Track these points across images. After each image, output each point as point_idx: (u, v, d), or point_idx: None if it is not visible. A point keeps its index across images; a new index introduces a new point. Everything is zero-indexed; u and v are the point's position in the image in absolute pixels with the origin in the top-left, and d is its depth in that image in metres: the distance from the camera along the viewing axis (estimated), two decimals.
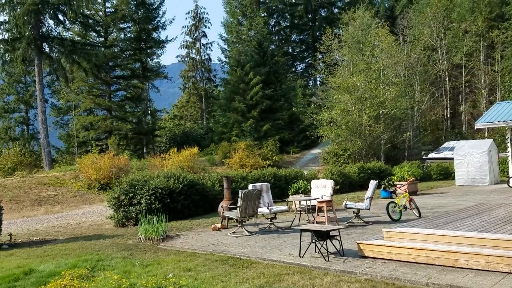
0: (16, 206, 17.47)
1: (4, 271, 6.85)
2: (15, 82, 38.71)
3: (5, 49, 28.06)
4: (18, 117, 39.84)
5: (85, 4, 29.68)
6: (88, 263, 7.06)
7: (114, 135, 34.93)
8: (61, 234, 11.34)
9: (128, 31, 39.25)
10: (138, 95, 39.19)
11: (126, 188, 12.13)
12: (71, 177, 22.39)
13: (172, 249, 8.33)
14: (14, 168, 27.54)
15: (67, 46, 29.17)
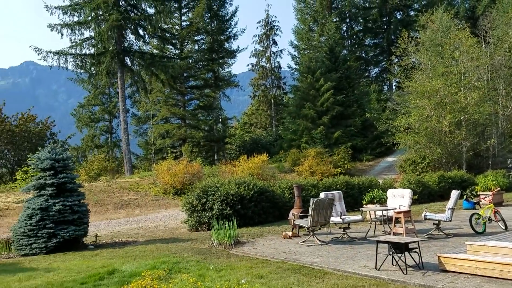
0: (101, 209, 18.68)
1: (91, 270, 7.32)
2: (100, 93, 41.78)
3: (91, 63, 30.29)
4: (102, 126, 42.90)
5: (163, 19, 31.25)
6: (165, 265, 7.32)
7: (187, 143, 36.25)
8: (141, 236, 11.93)
9: (202, 43, 40.71)
10: (210, 103, 40.42)
11: (199, 194, 12.48)
12: (149, 182, 23.49)
13: (244, 255, 8.38)
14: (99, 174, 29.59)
15: (147, 59, 30.87)
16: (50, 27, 28.38)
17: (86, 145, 41.10)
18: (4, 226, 15.08)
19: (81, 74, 34.45)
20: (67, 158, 10.38)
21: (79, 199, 10.29)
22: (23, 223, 9.55)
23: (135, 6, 31.24)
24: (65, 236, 9.54)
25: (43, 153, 10.27)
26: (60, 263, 8.16)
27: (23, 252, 9.48)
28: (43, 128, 39.11)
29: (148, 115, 40.50)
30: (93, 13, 28.99)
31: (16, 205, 18.26)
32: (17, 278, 6.93)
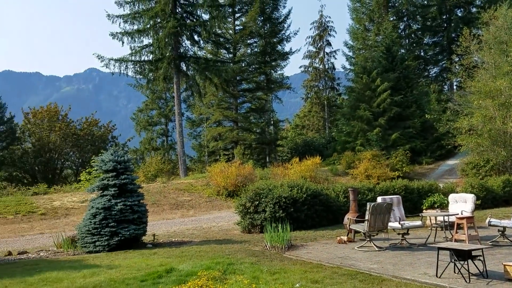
0: (157, 209, 19.34)
1: (150, 268, 7.59)
2: (157, 98, 43.37)
3: (149, 69, 31.46)
4: (159, 129, 44.47)
5: (218, 24, 31.89)
6: (220, 266, 7.42)
7: (239, 145, 36.65)
8: (195, 236, 12.19)
9: (255, 46, 41.04)
10: (262, 106, 40.64)
11: (252, 196, 12.53)
12: (203, 184, 23.95)
13: (297, 259, 8.31)
14: (156, 175, 30.66)
15: (201, 64, 31.55)
16: (112, 35, 29.88)
17: (144, 147, 42.79)
18: (70, 224, 16.03)
19: (140, 80, 35.98)
20: (128, 160, 10.84)
21: (138, 200, 10.70)
22: (87, 222, 10.08)
23: (191, 13, 32.07)
24: (126, 234, 9.95)
25: (106, 156, 10.80)
26: (121, 261, 8.52)
27: (87, 249, 10.01)
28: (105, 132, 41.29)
29: (202, 118, 41.44)
30: (151, 21, 30.09)
31: (81, 204, 19.34)
32: (82, 274, 7.32)
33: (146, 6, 30.35)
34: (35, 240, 13.39)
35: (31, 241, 13.12)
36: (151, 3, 30.50)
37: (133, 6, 30.30)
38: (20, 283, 6.85)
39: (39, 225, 16.28)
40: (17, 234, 14.86)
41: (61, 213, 18.15)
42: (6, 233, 14.99)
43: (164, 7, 29.73)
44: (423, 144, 31.84)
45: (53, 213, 18.04)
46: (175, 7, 30.62)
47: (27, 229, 15.65)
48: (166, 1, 29.78)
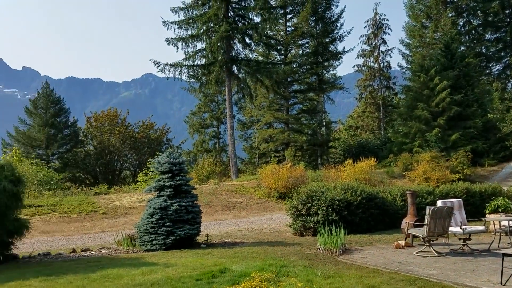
0: (210, 210, 19.67)
1: (204, 267, 7.71)
2: (209, 101, 44.24)
3: (202, 73, 32.12)
4: (211, 132, 45.31)
5: (269, 26, 31.99)
6: (273, 267, 7.39)
7: (290, 147, 36.52)
8: (247, 238, 12.24)
9: (306, 47, 40.76)
10: (314, 107, 40.23)
11: (304, 198, 12.41)
12: (254, 185, 24.03)
13: (352, 263, 8.11)
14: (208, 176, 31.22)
15: (252, 66, 31.82)
16: (167, 41, 30.82)
17: (196, 149, 43.78)
18: (129, 223, 16.69)
19: (193, 83, 36.89)
20: (182, 162, 11.12)
21: (192, 200, 10.92)
22: (145, 221, 10.44)
23: (242, 16, 32.42)
24: (181, 234, 10.20)
25: (162, 158, 11.13)
26: (177, 260, 8.72)
27: (145, 247, 10.35)
28: (160, 134, 42.75)
29: (253, 120, 41.73)
30: (204, 25, 30.72)
31: (139, 204, 20.09)
32: (140, 272, 7.58)
33: (199, 12, 31.01)
34: (97, 238, 14.07)
35: (93, 239, 13.80)
36: (205, 9, 31.14)
37: (187, 12, 31.07)
38: (84, 279, 7.20)
39: (100, 224, 17.10)
40: (80, 232, 15.69)
41: (121, 212, 18.96)
42: (70, 231, 15.88)
43: (217, 12, 30.27)
44: (485, 145, 30.05)
45: (113, 212, 18.88)
46: (227, 11, 31.07)
47: (90, 228, 16.49)
48: (219, 6, 30.31)
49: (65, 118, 41.85)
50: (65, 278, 7.29)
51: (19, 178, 9.60)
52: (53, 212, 18.16)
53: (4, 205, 8.73)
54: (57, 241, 13.63)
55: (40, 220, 16.86)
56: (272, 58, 39.20)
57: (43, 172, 27.50)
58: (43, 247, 12.01)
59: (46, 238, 14.34)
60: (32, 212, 17.51)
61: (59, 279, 7.23)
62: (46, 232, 15.49)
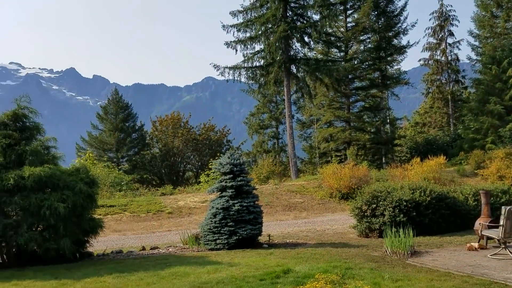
0: (270, 210, 19.70)
1: (267, 267, 7.73)
2: (268, 102, 44.40)
3: (260, 74, 32.31)
4: (270, 132, 45.45)
5: (329, 23, 31.54)
6: (338, 269, 7.24)
7: (352, 146, 35.70)
8: (310, 239, 12.11)
9: (368, 42, 39.64)
10: (377, 104, 38.99)
11: (369, 199, 12.07)
12: (314, 186, 23.74)
13: (422, 266, 7.75)
14: (268, 177, 31.36)
15: (311, 65, 31.42)
16: (226, 44, 31.40)
17: (256, 150, 44.14)
18: (193, 222, 17.18)
19: (252, 85, 37.22)
20: (243, 163, 11.25)
21: (253, 201, 11.00)
22: (208, 221, 10.67)
23: (301, 15, 32.17)
24: (243, 234, 10.31)
25: (223, 159, 11.33)
26: (240, 259, 8.83)
27: (209, 246, 10.59)
28: (220, 136, 43.65)
29: (312, 119, 41.29)
30: (263, 27, 30.86)
31: (202, 204, 20.61)
32: (206, 270, 7.76)
33: (258, 14, 31.17)
34: (164, 236, 14.62)
35: (161, 238, 14.36)
36: (263, 10, 31.25)
37: (246, 15, 31.31)
38: (153, 276, 7.51)
39: (167, 223, 17.77)
40: (148, 230, 16.41)
41: (185, 212, 19.57)
42: (140, 229, 16.65)
43: (275, 12, 30.31)
44: None
45: (178, 212, 19.55)
46: (285, 11, 31.02)
47: (157, 226, 17.19)
48: (277, 6, 30.35)
49: (133, 122, 44.10)
50: (137, 275, 7.64)
51: (93, 180, 10.20)
52: (123, 211, 19.15)
53: (80, 205, 9.32)
54: (128, 239, 14.35)
55: (112, 220, 17.84)
56: (332, 55, 38.53)
57: (114, 174, 29.10)
58: (115, 245, 12.69)
59: (117, 236, 15.15)
60: (105, 212, 18.57)
61: (131, 276, 7.59)
62: (117, 230, 16.37)
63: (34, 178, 8.80)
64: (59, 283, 7.30)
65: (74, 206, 9.08)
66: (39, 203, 8.78)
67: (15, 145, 9.32)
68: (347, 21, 38.66)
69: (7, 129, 9.48)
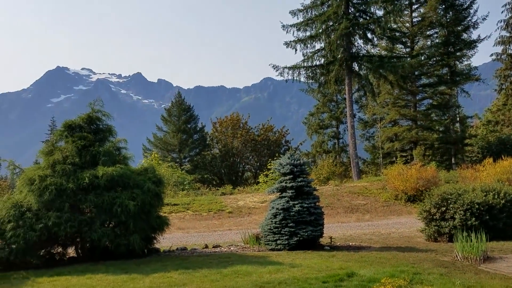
0: (331, 211, 19.39)
1: (329, 270, 7.60)
2: (328, 101, 43.69)
3: (320, 73, 31.98)
4: (330, 132, 44.67)
5: (393, 18, 30.56)
6: (405, 274, 6.95)
7: (419, 146, 34.25)
8: (374, 242, 11.75)
9: (435, 37, 37.87)
10: (446, 102, 37.05)
11: (438, 201, 11.52)
12: (378, 187, 23.09)
13: (496, 273, 7.27)
14: (328, 178, 30.90)
15: (375, 62, 30.68)
16: (286, 44, 31.40)
17: (315, 150, 43.61)
18: (252, 222, 17.34)
19: (311, 84, 36.92)
20: (303, 164, 11.15)
21: (314, 202, 10.87)
22: (269, 221, 10.70)
23: (363, 11, 31.47)
24: (304, 235, 10.22)
25: (283, 159, 11.30)
26: (301, 260, 8.76)
27: (269, 247, 10.61)
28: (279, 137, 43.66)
29: (375, 118, 40.07)
30: (323, 25, 30.55)
31: (261, 204, 20.76)
32: (267, 270, 7.78)
33: (318, 12, 30.91)
34: (224, 235, 14.90)
35: (222, 236, 14.64)
36: (324, 8, 30.96)
37: (306, 14, 31.16)
38: (217, 274, 7.66)
39: (227, 222, 18.10)
40: (210, 229, 16.81)
41: (245, 212, 19.81)
42: (202, 228, 17.10)
43: (336, 10, 29.92)
44: None
45: (238, 211, 19.83)
46: (347, 8, 30.53)
47: (218, 225, 17.56)
48: (339, 4, 29.92)
49: (195, 124, 45.46)
50: (201, 272, 7.84)
51: (160, 179, 10.61)
52: (186, 210, 19.78)
53: (149, 203, 9.73)
54: (191, 237, 14.79)
55: (176, 218, 18.48)
56: (397, 51, 37.26)
57: (177, 174, 30.16)
58: (179, 242, 13.12)
59: (181, 234, 15.66)
60: (169, 210, 19.29)
61: (195, 273, 7.80)
62: (181, 228, 16.93)
63: (107, 177, 9.33)
64: (129, 277, 7.67)
65: (143, 204, 9.50)
66: (111, 201, 9.29)
67: (90, 146, 9.93)
68: (413, 16, 37.30)
69: (82, 131, 10.14)
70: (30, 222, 8.88)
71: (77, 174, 9.38)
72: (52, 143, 10.17)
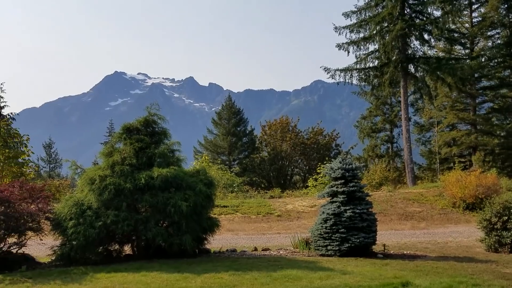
0: (384, 218, 18.82)
1: (383, 278, 7.37)
2: (381, 104, 42.52)
3: (374, 75, 31.33)
4: (383, 136, 43.40)
5: (451, 19, 29.49)
6: (463, 285, 6.65)
7: (479, 151, 32.53)
8: (430, 251, 11.33)
9: (497, 38, 35.96)
10: (508, 105, 34.95)
11: (499, 210, 10.98)
12: (434, 194, 22.25)
13: None
14: (381, 183, 30.03)
15: (432, 63, 29.70)
16: (338, 46, 31.02)
17: (367, 155, 42.54)
18: (301, 226, 17.19)
19: (364, 87, 36.10)
20: (356, 168, 10.92)
21: (367, 208, 10.61)
22: (319, 226, 10.56)
23: (420, 12, 30.63)
24: (355, 242, 9.99)
25: (335, 164, 11.12)
26: (353, 267, 8.57)
27: (320, 252, 10.47)
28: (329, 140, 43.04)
29: (432, 122, 38.47)
30: (378, 26, 30.11)
31: (310, 208, 20.54)
32: (318, 276, 7.68)
33: (372, 13, 30.51)
34: (273, 238, 14.89)
35: (270, 239, 14.65)
36: (378, 9, 30.50)
37: (360, 15, 30.81)
38: (267, 277, 7.66)
39: (276, 225, 18.08)
40: (258, 232, 16.86)
41: (294, 215, 19.69)
42: (250, 230, 17.20)
43: (391, 11, 29.38)
44: None
45: (287, 215, 19.75)
46: (403, 9, 29.88)
47: (267, 228, 17.58)
48: (394, 4, 29.31)
49: (244, 127, 45.92)
50: (251, 274, 7.88)
51: (212, 181, 10.80)
52: (235, 212, 19.98)
53: (200, 205, 9.92)
54: (240, 239, 14.92)
55: (225, 219, 18.70)
56: (455, 53, 35.77)
57: (227, 176, 30.54)
58: (228, 244, 13.28)
59: (231, 236, 15.84)
60: (219, 211, 19.57)
61: (245, 275, 7.85)
62: (230, 230, 17.11)
63: (162, 178, 9.62)
64: (181, 276, 7.86)
65: (195, 205, 9.70)
66: (165, 201, 9.57)
67: (146, 148, 10.30)
68: (473, 16, 35.72)
69: (139, 134, 10.54)
70: (90, 219, 9.32)
71: (134, 174, 9.74)
72: (112, 145, 10.65)
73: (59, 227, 9.51)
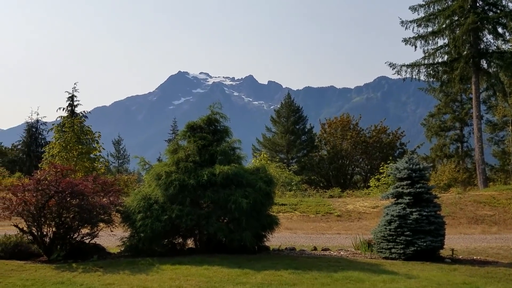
0: (453, 222, 17.88)
1: (451, 284, 7.06)
2: (451, 101, 40.30)
3: (443, 71, 29.91)
4: (453, 135, 41.10)
5: None
6: None
7: None
8: (502, 257, 10.67)
9: None
10: None
11: None
12: (508, 197, 20.92)
13: None
14: (449, 185, 28.59)
15: (507, 58, 27.89)
16: (404, 41, 29.95)
17: (435, 154, 40.58)
18: (362, 228, 16.77)
19: (432, 83, 34.48)
20: (423, 169, 10.46)
21: (435, 210, 10.14)
22: (382, 228, 10.22)
23: (493, 4, 28.96)
24: (422, 245, 9.56)
25: (400, 163, 10.71)
26: (419, 272, 8.24)
27: (383, 255, 10.14)
28: (393, 139, 41.57)
29: (506, 120, 35.92)
30: (448, 20, 28.88)
31: (372, 209, 19.97)
32: (381, 279, 7.45)
33: (442, 6, 29.30)
34: (333, 239, 14.66)
35: (330, 240, 14.43)
36: (448, 2, 29.23)
37: (428, 8, 29.70)
38: (327, 277, 7.56)
39: (335, 226, 17.79)
40: (317, 231, 16.68)
41: (354, 216, 19.26)
42: (309, 230, 17.06)
43: (462, 4, 28.08)
44: None
45: (347, 215, 19.36)
46: (475, 2, 28.46)
47: (326, 228, 17.35)
48: None
49: (303, 125, 45.61)
50: (311, 274, 7.81)
51: (271, 179, 10.84)
52: (294, 211, 19.92)
53: (260, 202, 10.01)
54: (298, 238, 14.85)
55: (283, 217, 18.71)
56: None
57: (285, 174, 30.52)
58: (287, 242, 13.26)
59: (289, 234, 15.81)
60: (277, 209, 19.61)
61: (305, 274, 7.80)
62: (289, 228, 17.09)
63: (223, 175, 9.83)
64: (242, 272, 7.97)
65: (255, 202, 9.80)
66: (226, 198, 9.76)
67: (208, 146, 10.57)
68: None
69: (202, 132, 10.84)
70: (156, 213, 9.73)
71: (197, 171, 10.03)
72: (177, 142, 11.05)
73: (129, 219, 10.02)
